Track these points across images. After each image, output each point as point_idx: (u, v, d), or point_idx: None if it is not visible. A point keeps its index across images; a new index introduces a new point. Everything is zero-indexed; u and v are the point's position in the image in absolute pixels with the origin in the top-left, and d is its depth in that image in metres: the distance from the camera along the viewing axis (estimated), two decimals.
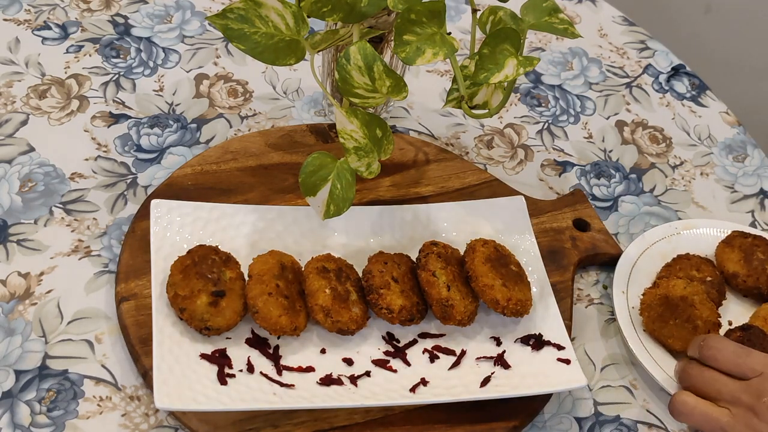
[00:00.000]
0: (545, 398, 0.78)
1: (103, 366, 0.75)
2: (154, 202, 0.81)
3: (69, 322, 0.78)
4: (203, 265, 0.76)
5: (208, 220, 0.82)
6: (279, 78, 1.03)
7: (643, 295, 0.86)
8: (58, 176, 0.88)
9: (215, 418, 0.72)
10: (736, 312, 0.88)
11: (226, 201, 0.85)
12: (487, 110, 0.83)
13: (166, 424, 0.73)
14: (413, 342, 0.79)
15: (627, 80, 1.14)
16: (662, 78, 1.15)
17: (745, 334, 0.80)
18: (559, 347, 0.79)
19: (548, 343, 0.79)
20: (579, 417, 0.80)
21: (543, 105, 1.08)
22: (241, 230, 0.83)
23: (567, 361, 0.77)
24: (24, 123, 0.92)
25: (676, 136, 1.08)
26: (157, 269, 0.77)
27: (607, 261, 0.91)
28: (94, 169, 0.90)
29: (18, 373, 0.74)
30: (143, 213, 0.83)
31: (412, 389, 0.75)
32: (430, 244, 0.81)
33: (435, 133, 1.02)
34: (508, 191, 0.93)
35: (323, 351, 0.77)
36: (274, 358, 0.75)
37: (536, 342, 0.79)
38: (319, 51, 0.83)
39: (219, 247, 0.79)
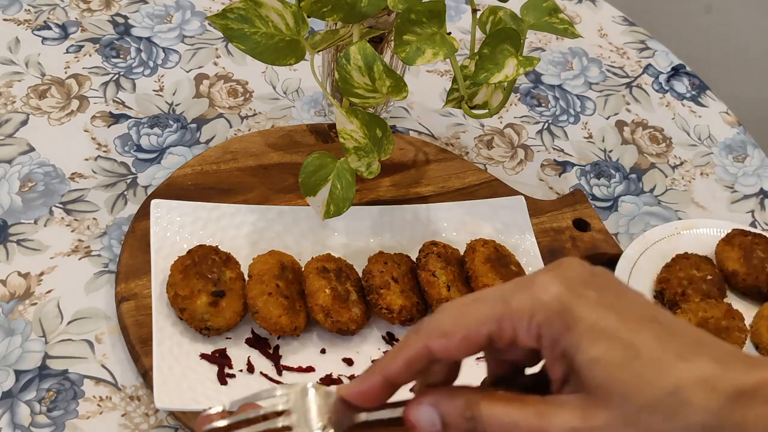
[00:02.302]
0: None
1: (103, 366, 0.75)
2: (154, 202, 0.81)
3: (69, 322, 0.78)
4: (203, 265, 0.76)
5: (208, 220, 0.82)
6: (279, 78, 1.03)
7: None
8: (58, 176, 0.88)
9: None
10: None
11: (226, 201, 0.85)
12: (487, 110, 0.83)
13: (166, 424, 0.73)
14: None
15: (627, 80, 1.14)
16: (662, 78, 1.15)
17: None
18: None
19: None
20: None
21: (543, 105, 1.08)
22: (241, 230, 0.83)
23: None
24: (24, 123, 0.92)
25: (676, 136, 1.08)
26: (157, 269, 0.77)
27: (607, 261, 0.91)
28: (94, 169, 0.90)
29: (18, 373, 0.74)
30: (143, 213, 0.83)
31: (412, 389, 0.75)
32: (430, 244, 0.81)
33: (435, 133, 1.02)
34: (508, 191, 0.93)
35: (323, 351, 0.77)
36: (274, 358, 0.75)
37: None
38: (319, 51, 0.83)
39: (219, 247, 0.79)
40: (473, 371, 0.77)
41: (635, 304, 0.43)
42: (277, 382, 0.73)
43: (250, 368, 0.74)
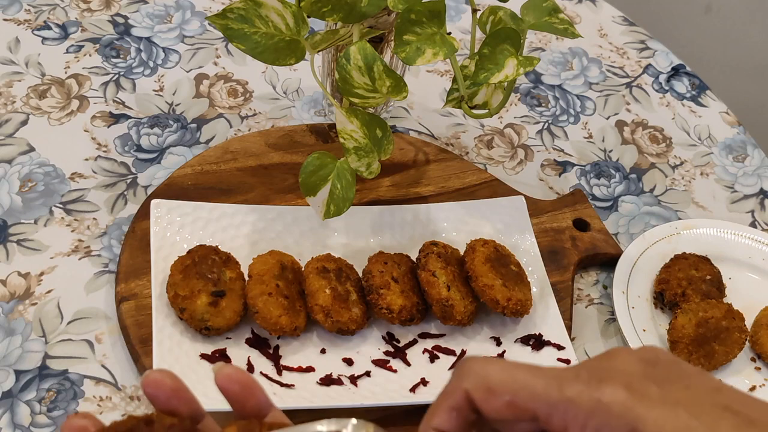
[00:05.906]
0: None
1: (103, 366, 0.75)
2: (154, 202, 0.81)
3: (69, 322, 0.78)
4: (203, 265, 0.76)
5: (208, 220, 0.82)
6: (279, 78, 1.03)
7: (669, 329, 0.84)
8: (58, 176, 0.88)
9: (215, 418, 0.71)
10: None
11: (226, 201, 0.85)
12: (487, 110, 0.83)
13: None
14: (413, 342, 0.79)
15: (627, 80, 1.14)
16: (662, 78, 1.15)
17: None
18: (559, 347, 0.79)
19: (548, 343, 0.79)
20: None
21: (543, 105, 1.08)
22: (241, 230, 0.83)
23: (567, 361, 0.77)
24: (24, 123, 0.92)
25: (676, 136, 1.08)
26: (157, 269, 0.77)
27: (607, 261, 0.91)
28: (94, 169, 0.90)
29: (18, 373, 0.74)
30: (143, 213, 0.83)
31: (412, 389, 0.75)
32: (430, 244, 0.81)
33: (435, 133, 1.02)
34: (508, 191, 0.93)
35: (323, 351, 0.77)
36: (274, 358, 0.75)
37: (536, 342, 0.79)
38: (319, 51, 0.83)
39: (219, 247, 0.79)
40: None
41: (702, 391, 0.40)
42: (278, 382, 0.73)
43: (250, 368, 0.74)
